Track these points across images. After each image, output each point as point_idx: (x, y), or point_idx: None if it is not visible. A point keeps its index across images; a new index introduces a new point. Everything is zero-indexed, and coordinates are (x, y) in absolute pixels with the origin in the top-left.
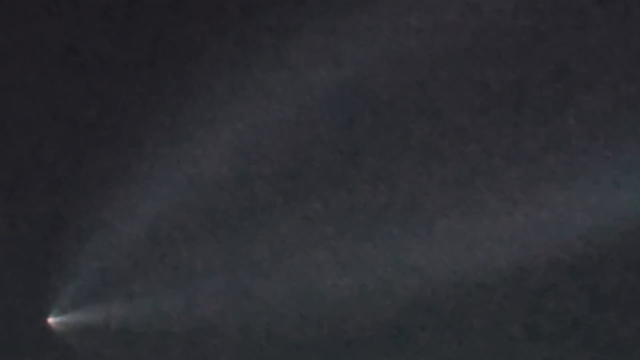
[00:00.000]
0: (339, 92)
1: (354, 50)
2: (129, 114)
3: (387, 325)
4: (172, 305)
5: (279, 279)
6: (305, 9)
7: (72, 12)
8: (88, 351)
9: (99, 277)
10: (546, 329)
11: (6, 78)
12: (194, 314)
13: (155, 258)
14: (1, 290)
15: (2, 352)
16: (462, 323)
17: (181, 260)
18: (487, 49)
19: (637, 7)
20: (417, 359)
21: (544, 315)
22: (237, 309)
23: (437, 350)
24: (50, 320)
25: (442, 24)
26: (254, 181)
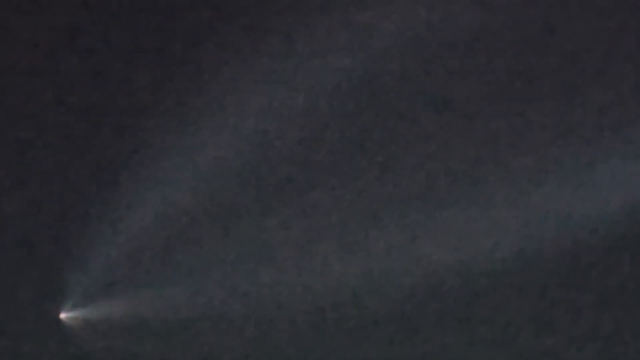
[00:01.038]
0: (347, 79)
1: (363, 37)
2: (135, 99)
3: (393, 314)
4: (180, 295)
5: (284, 266)
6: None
7: None
8: (99, 345)
9: (109, 270)
10: (551, 319)
11: (12, 60)
12: (202, 303)
13: (164, 247)
14: (13, 286)
15: (15, 347)
16: (467, 312)
17: (189, 248)
18: (495, 39)
19: None
20: (423, 347)
21: (549, 305)
22: (243, 296)
23: (442, 338)
24: (62, 315)
25: (450, 13)
26: (260, 167)
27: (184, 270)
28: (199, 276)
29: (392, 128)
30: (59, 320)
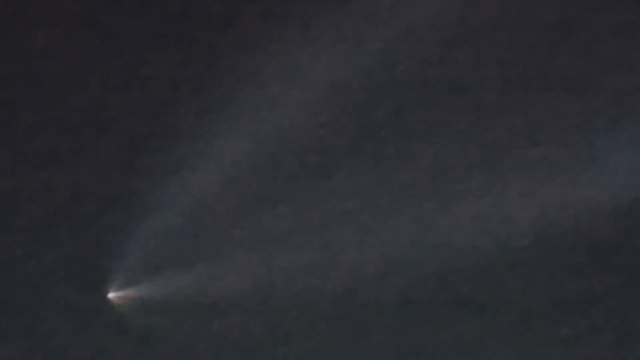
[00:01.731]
0: (363, 69)
1: (380, 27)
2: (153, 86)
3: (408, 300)
4: (215, 276)
5: (301, 252)
6: None
7: None
8: (141, 323)
9: (153, 254)
10: (567, 306)
11: (30, 43)
12: (225, 285)
13: (203, 230)
14: (64, 268)
15: (65, 325)
16: (482, 299)
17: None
18: (510, 29)
19: None
20: (438, 334)
21: (564, 293)
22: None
23: (457, 325)
24: (110, 295)
25: (465, 3)
26: (278, 155)
27: (217, 253)
28: (231, 259)
29: (407, 118)
30: (107, 300)
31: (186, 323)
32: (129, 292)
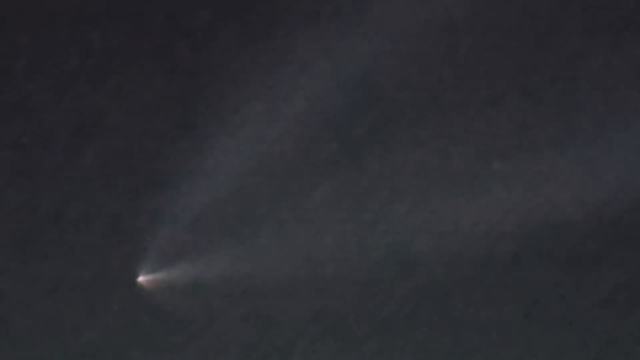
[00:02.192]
0: (345, 84)
1: (362, 43)
2: (137, 103)
3: (414, 290)
4: (246, 259)
5: (306, 238)
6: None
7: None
8: (173, 306)
9: (183, 238)
10: (586, 295)
11: (11, 60)
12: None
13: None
14: (95, 252)
15: (96, 309)
16: (490, 290)
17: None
18: (494, 43)
19: None
20: (445, 323)
21: (581, 282)
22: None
23: (468, 315)
24: (141, 278)
25: (450, 19)
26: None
27: (247, 237)
28: (262, 243)
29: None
30: (137, 283)
31: (235, 303)
32: (174, 274)
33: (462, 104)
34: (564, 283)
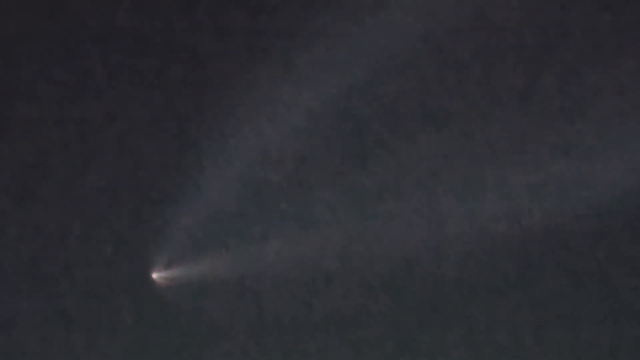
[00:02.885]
0: (346, 98)
1: (362, 56)
2: (135, 120)
3: (423, 284)
4: (262, 256)
5: (319, 235)
6: (313, 14)
7: (75, 15)
8: (186, 303)
9: (197, 234)
10: (591, 302)
11: (7, 79)
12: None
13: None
14: (108, 248)
15: (109, 305)
16: (498, 291)
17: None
18: (494, 54)
19: None
20: (450, 325)
21: (588, 279)
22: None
23: (474, 318)
24: (155, 275)
25: (448, 30)
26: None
27: (264, 233)
28: (277, 239)
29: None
30: (151, 280)
31: (248, 301)
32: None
33: (464, 110)
34: (569, 289)
